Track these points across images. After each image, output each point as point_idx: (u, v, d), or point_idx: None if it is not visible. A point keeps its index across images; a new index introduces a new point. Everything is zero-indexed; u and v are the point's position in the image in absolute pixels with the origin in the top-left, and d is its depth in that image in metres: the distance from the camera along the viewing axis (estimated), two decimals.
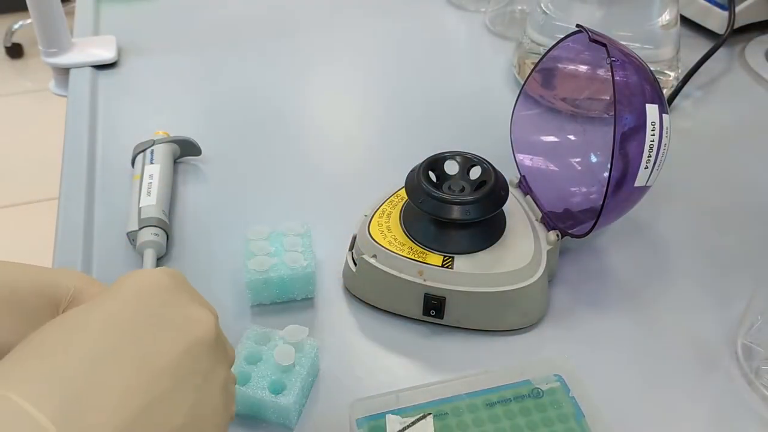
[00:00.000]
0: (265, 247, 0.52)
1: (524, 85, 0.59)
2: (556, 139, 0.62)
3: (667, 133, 0.49)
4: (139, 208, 0.57)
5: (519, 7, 0.87)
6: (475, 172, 0.52)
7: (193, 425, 0.31)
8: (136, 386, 0.29)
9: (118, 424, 0.28)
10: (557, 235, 0.52)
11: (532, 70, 0.58)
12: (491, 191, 0.49)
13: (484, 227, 0.51)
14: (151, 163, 0.61)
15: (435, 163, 0.52)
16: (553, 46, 0.55)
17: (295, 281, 0.51)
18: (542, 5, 0.72)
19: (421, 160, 0.52)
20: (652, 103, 0.48)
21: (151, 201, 0.57)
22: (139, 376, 0.29)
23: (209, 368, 0.33)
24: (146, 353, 0.30)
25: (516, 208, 0.54)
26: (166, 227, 0.56)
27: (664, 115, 0.49)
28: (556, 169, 0.60)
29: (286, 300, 0.52)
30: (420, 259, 0.49)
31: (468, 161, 0.52)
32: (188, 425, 0.31)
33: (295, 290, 0.52)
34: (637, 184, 0.49)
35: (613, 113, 0.47)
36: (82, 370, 0.28)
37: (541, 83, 0.63)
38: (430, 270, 0.49)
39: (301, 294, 0.52)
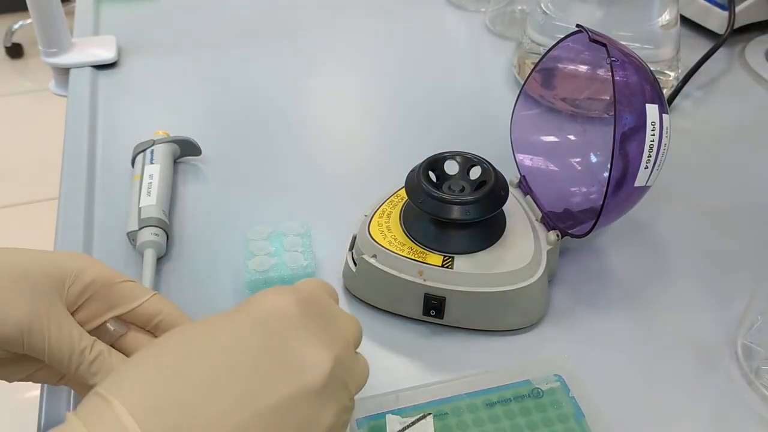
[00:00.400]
0: (265, 247, 0.52)
1: (524, 85, 0.59)
2: (556, 139, 0.62)
3: (667, 133, 0.49)
4: (139, 208, 0.57)
5: (519, 7, 0.87)
6: (475, 172, 0.52)
7: None
8: (235, 424, 0.29)
9: None
10: (557, 235, 0.52)
11: (532, 70, 0.58)
12: (491, 191, 0.49)
13: (484, 227, 0.51)
14: (151, 163, 0.61)
15: (435, 163, 0.52)
16: (553, 46, 0.55)
17: (295, 281, 0.51)
18: (542, 5, 0.72)
19: (421, 160, 0.52)
20: (652, 103, 0.48)
21: (151, 201, 0.57)
22: (239, 415, 0.30)
23: (312, 414, 0.32)
24: (252, 392, 0.31)
25: (516, 208, 0.54)
26: (166, 227, 0.56)
27: (664, 115, 0.49)
28: (556, 169, 0.60)
29: None
30: (420, 259, 0.49)
31: (468, 161, 0.52)
32: None
33: None
34: (637, 184, 0.49)
35: (613, 113, 0.47)
36: (189, 399, 0.29)
37: (541, 83, 0.63)
38: (430, 270, 0.49)
39: None
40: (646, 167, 0.48)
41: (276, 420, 0.31)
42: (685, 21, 0.84)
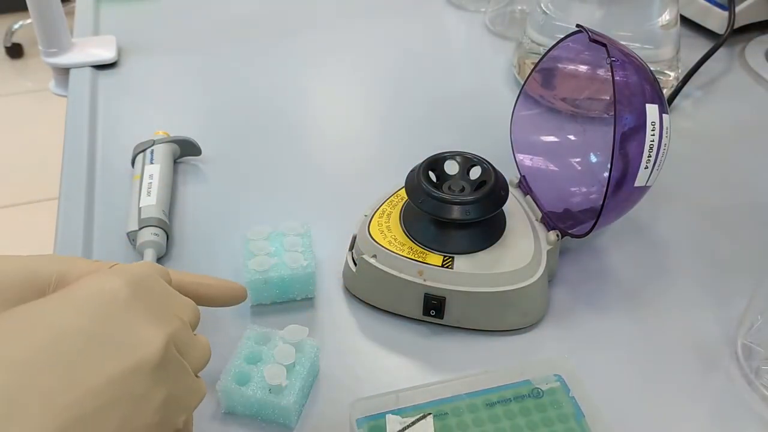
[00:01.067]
0: (265, 247, 0.52)
1: (524, 85, 0.59)
2: (556, 139, 0.62)
3: (667, 133, 0.49)
4: (139, 208, 0.57)
5: (519, 7, 0.87)
6: (475, 172, 0.52)
7: None
8: (63, 403, 0.29)
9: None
10: (557, 235, 0.52)
11: (532, 70, 0.58)
12: (491, 191, 0.49)
13: (484, 227, 0.51)
14: (151, 163, 0.61)
15: (435, 163, 0.52)
16: (553, 46, 0.55)
17: (295, 281, 0.51)
18: (542, 5, 0.72)
19: (421, 160, 0.52)
20: (652, 103, 0.48)
21: (151, 201, 0.57)
22: (67, 394, 0.30)
23: (146, 390, 0.33)
24: (82, 370, 0.31)
25: (516, 208, 0.54)
26: (166, 227, 0.56)
27: (664, 115, 0.49)
28: (556, 169, 0.60)
29: (286, 300, 0.52)
30: (420, 259, 0.49)
31: (468, 161, 0.52)
32: None
33: (295, 290, 0.52)
34: (637, 184, 0.49)
35: (613, 113, 0.47)
36: (15, 379, 0.29)
37: (541, 83, 0.63)
38: (430, 270, 0.49)
39: (301, 294, 0.52)
40: (646, 167, 0.48)
41: (109, 396, 0.31)
42: (685, 21, 0.84)
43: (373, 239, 0.51)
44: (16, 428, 0.28)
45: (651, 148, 0.48)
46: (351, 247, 0.53)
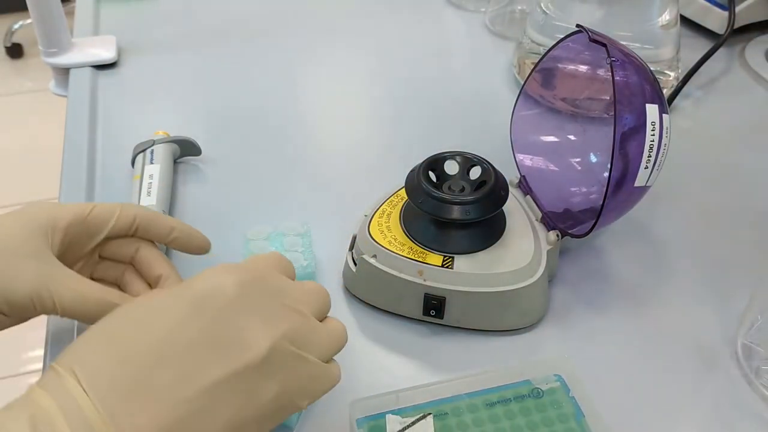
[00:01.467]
0: (265, 247, 0.52)
1: (524, 85, 0.59)
2: (556, 139, 0.62)
3: (667, 133, 0.49)
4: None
5: (519, 7, 0.87)
6: (475, 172, 0.52)
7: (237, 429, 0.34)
8: (178, 399, 0.32)
9: (160, 427, 0.31)
10: (557, 235, 0.52)
11: (532, 70, 0.58)
12: (491, 191, 0.49)
13: (484, 227, 0.51)
14: (151, 163, 0.61)
15: (435, 163, 0.52)
16: (553, 46, 0.55)
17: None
18: (542, 5, 0.72)
19: (421, 160, 0.52)
20: (652, 103, 0.48)
21: (151, 201, 0.57)
22: (183, 391, 0.32)
23: (255, 387, 0.34)
24: (195, 368, 0.33)
25: (516, 208, 0.54)
26: None
27: (664, 115, 0.49)
28: (556, 169, 0.60)
29: None
30: (420, 259, 0.49)
31: (468, 161, 0.52)
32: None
33: None
34: (637, 184, 0.49)
35: (613, 113, 0.47)
36: (137, 374, 0.32)
37: (541, 83, 0.63)
38: (430, 270, 0.49)
39: None
40: (646, 167, 0.48)
41: (219, 394, 0.33)
42: (685, 21, 0.84)
43: (373, 239, 0.51)
44: (132, 421, 0.31)
45: (651, 148, 0.48)
46: (351, 247, 0.53)
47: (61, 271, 0.43)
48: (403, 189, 0.52)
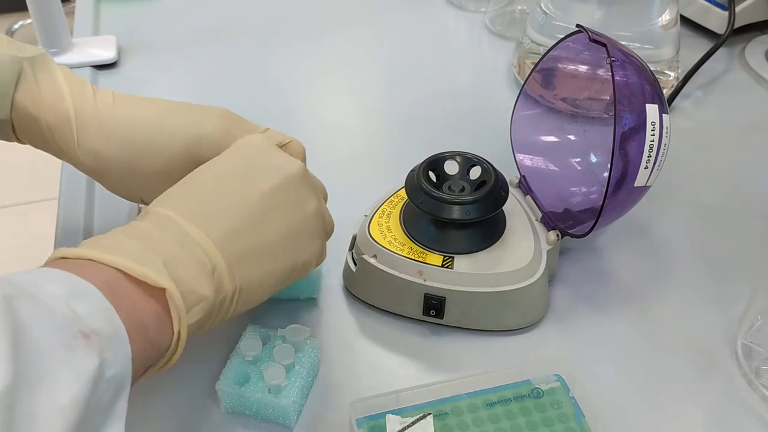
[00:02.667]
0: None
1: (524, 85, 0.59)
2: (556, 139, 0.62)
3: (667, 133, 0.49)
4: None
5: (519, 7, 0.87)
6: (475, 172, 0.52)
7: (288, 238, 0.42)
8: (243, 205, 0.41)
9: (230, 229, 0.40)
10: (557, 235, 0.52)
11: (532, 70, 0.58)
12: (491, 191, 0.49)
13: (484, 227, 0.51)
14: None
15: (435, 163, 0.52)
16: (553, 46, 0.55)
17: (294, 284, 0.50)
18: (542, 5, 0.72)
19: (421, 160, 0.52)
20: (652, 103, 0.48)
21: None
22: (244, 200, 0.41)
23: (299, 198, 0.43)
24: (253, 183, 0.42)
25: (516, 208, 0.54)
26: None
27: (664, 115, 0.49)
28: (556, 169, 0.60)
29: (288, 298, 0.52)
30: (420, 259, 0.49)
31: (468, 161, 0.52)
32: (283, 238, 0.42)
33: (298, 289, 0.52)
34: (637, 184, 0.49)
35: (613, 113, 0.47)
36: (208, 196, 0.41)
37: (541, 83, 0.63)
38: (430, 270, 0.49)
39: (305, 293, 0.52)
40: (646, 167, 0.48)
41: (273, 199, 0.42)
42: (685, 21, 0.84)
43: (373, 239, 0.51)
44: (214, 214, 0.40)
45: (651, 148, 0.48)
46: (351, 247, 0.53)
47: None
48: (403, 189, 0.52)
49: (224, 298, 0.39)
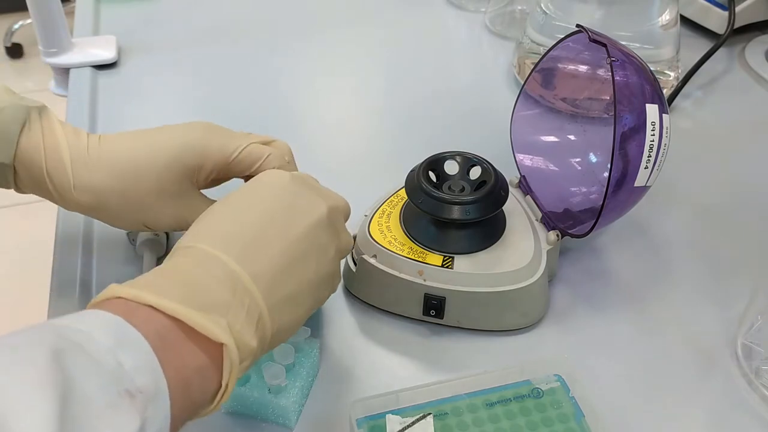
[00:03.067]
0: None
1: (524, 85, 0.59)
2: (556, 139, 0.62)
3: (667, 133, 0.49)
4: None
5: (519, 7, 0.87)
6: (475, 172, 0.52)
7: (317, 281, 0.42)
8: (284, 248, 0.40)
9: (274, 274, 0.39)
10: (557, 235, 0.52)
11: (532, 70, 0.58)
12: (491, 191, 0.49)
13: (484, 227, 0.51)
14: None
15: (435, 163, 0.52)
16: (553, 46, 0.55)
17: None
18: (542, 5, 0.72)
19: (421, 160, 0.52)
20: (652, 103, 0.48)
21: None
22: (284, 242, 0.40)
23: (326, 242, 0.43)
24: (287, 227, 0.41)
25: (516, 208, 0.54)
26: None
27: (664, 115, 0.49)
28: (556, 169, 0.60)
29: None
30: (420, 259, 0.49)
31: (468, 161, 0.52)
32: (313, 281, 0.42)
33: None
34: (637, 184, 0.49)
35: (613, 113, 0.47)
36: (250, 236, 0.40)
37: (541, 83, 0.63)
38: (430, 270, 0.49)
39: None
40: (646, 167, 0.48)
41: (307, 242, 0.41)
42: (685, 21, 0.84)
43: (373, 239, 0.51)
44: (253, 269, 0.38)
45: (651, 148, 0.48)
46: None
47: (199, 203, 0.49)
48: (403, 189, 0.52)
49: (263, 346, 0.39)
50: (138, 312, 0.34)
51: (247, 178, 0.51)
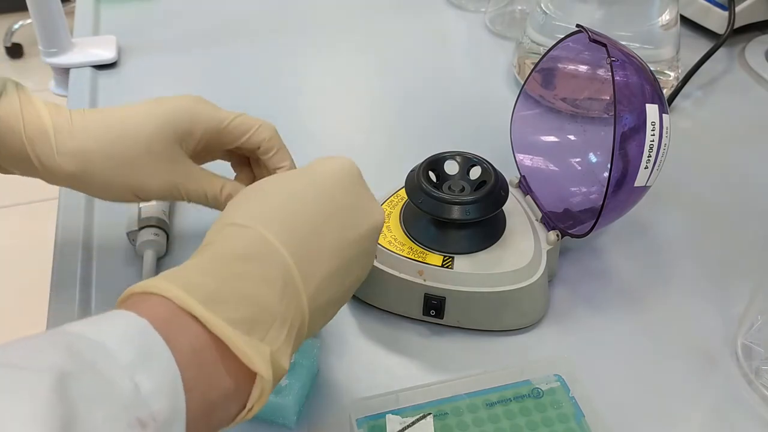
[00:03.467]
0: None
1: (524, 85, 0.59)
2: (556, 139, 0.62)
3: (667, 133, 0.49)
4: (139, 208, 0.57)
5: (519, 7, 0.87)
6: (475, 172, 0.52)
7: (351, 290, 0.40)
8: (337, 250, 0.37)
9: (323, 276, 0.36)
10: (557, 235, 0.52)
11: (532, 70, 0.58)
12: (491, 191, 0.49)
13: (484, 227, 0.51)
14: None
15: (435, 163, 0.52)
16: (553, 46, 0.55)
17: None
18: (542, 5, 0.72)
19: (421, 160, 0.52)
20: (652, 103, 0.48)
21: (150, 202, 0.57)
22: (339, 243, 0.38)
23: (371, 252, 0.41)
24: (344, 228, 0.38)
25: (516, 208, 0.54)
26: (166, 227, 0.56)
27: (664, 115, 0.49)
28: (556, 169, 0.60)
29: None
30: (420, 259, 0.49)
31: (468, 161, 0.52)
32: (353, 287, 0.40)
33: None
34: (637, 184, 0.49)
35: (613, 113, 0.47)
36: (307, 229, 0.37)
37: (541, 83, 0.63)
38: (430, 270, 0.49)
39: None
40: (646, 167, 0.48)
41: (357, 248, 0.39)
42: (685, 21, 0.84)
43: None
44: (312, 257, 0.36)
45: (651, 148, 0.48)
46: None
47: (189, 169, 0.48)
48: (403, 189, 0.52)
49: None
50: (177, 320, 0.31)
51: (235, 154, 0.51)
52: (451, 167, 0.52)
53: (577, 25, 0.52)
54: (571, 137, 0.62)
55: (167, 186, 0.47)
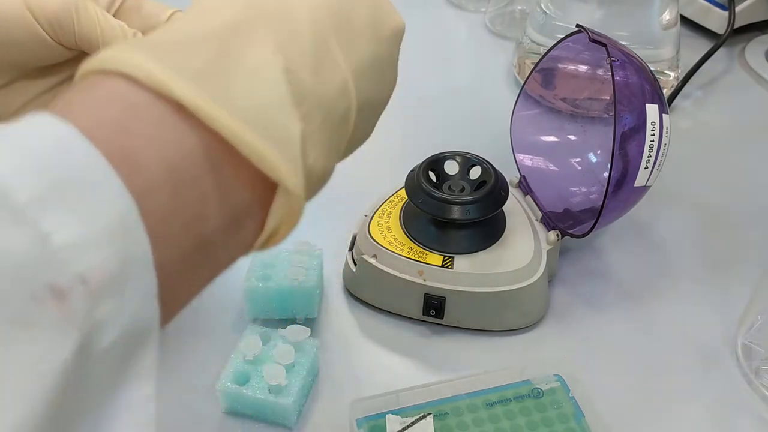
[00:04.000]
0: (267, 259, 0.51)
1: (524, 85, 0.59)
2: (556, 139, 0.62)
3: (667, 133, 0.49)
4: None
5: (519, 7, 0.87)
6: (475, 172, 0.52)
7: (386, 101, 0.37)
8: (373, 36, 0.31)
9: (363, 56, 0.30)
10: (557, 235, 0.52)
11: (532, 70, 0.58)
12: (491, 191, 0.49)
13: (484, 227, 0.51)
14: None
15: (435, 163, 0.52)
16: (553, 46, 0.56)
17: (295, 294, 0.49)
18: (542, 5, 0.72)
19: (421, 160, 0.52)
20: (652, 103, 0.48)
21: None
22: (374, 29, 0.31)
23: (396, 57, 0.35)
24: (375, 17, 0.31)
25: (516, 208, 0.54)
26: None
27: (664, 115, 0.49)
28: (556, 169, 0.60)
29: (285, 317, 0.50)
30: (420, 259, 0.49)
31: (468, 161, 0.52)
32: (385, 100, 0.37)
33: (295, 306, 0.50)
34: (637, 184, 0.49)
35: (613, 113, 0.47)
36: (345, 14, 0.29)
37: (541, 83, 0.63)
38: (430, 270, 0.49)
39: (302, 312, 0.50)
40: (646, 167, 0.48)
41: (387, 47, 0.32)
42: (685, 21, 0.84)
43: (373, 239, 0.51)
44: (349, 35, 0.28)
45: (651, 148, 0.48)
46: (351, 247, 0.53)
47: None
48: (403, 189, 0.52)
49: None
50: (145, 115, 0.21)
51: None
52: (451, 167, 0.52)
53: (577, 25, 0.52)
54: (571, 137, 0.62)
55: (64, 6, 0.36)
